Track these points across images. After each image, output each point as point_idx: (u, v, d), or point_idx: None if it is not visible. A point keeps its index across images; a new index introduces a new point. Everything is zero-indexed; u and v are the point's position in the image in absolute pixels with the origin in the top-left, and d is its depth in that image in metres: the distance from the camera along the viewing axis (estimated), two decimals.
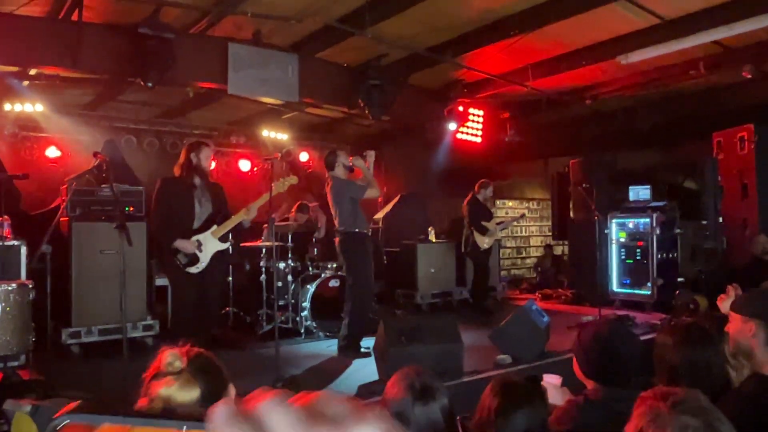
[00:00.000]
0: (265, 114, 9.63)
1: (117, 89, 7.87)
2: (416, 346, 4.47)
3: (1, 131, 7.74)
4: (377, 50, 7.41)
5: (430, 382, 1.97)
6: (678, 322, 2.46)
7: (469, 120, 9.17)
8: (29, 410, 3.31)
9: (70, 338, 5.48)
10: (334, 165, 5.74)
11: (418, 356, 4.44)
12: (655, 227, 7.98)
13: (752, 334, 2.03)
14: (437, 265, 8.50)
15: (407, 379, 1.97)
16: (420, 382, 1.95)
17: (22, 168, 7.31)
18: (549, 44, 7.25)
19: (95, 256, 5.66)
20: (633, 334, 2.32)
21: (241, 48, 6.81)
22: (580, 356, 2.30)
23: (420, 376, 1.98)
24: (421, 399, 1.91)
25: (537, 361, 4.97)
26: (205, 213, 4.73)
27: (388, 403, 1.91)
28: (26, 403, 3.35)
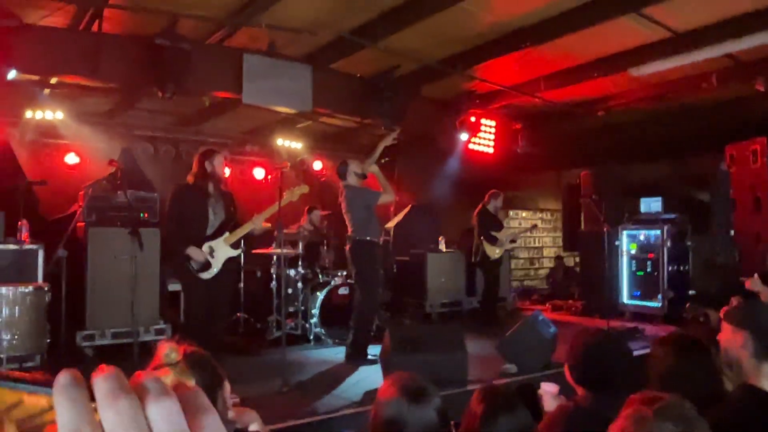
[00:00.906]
0: (279, 123, 9.75)
1: (134, 98, 8.04)
2: (421, 354, 4.52)
3: (22, 138, 7.92)
4: (390, 62, 7.50)
5: (424, 383, 2.02)
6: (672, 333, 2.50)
7: (481, 131, 9.22)
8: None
9: (83, 341, 5.60)
10: (346, 174, 5.82)
11: (422, 364, 4.49)
12: (666, 239, 7.96)
13: (741, 344, 2.07)
14: (447, 275, 8.54)
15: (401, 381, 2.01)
16: (413, 382, 1.99)
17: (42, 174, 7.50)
18: (561, 56, 7.29)
19: (110, 260, 5.78)
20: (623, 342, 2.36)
21: (255, 59, 6.93)
22: (570, 362, 2.35)
23: (413, 378, 2.02)
24: (415, 400, 1.94)
25: (542, 371, 4.99)
26: (218, 220, 4.84)
27: (380, 407, 1.96)
28: None
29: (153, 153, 8.91)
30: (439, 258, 8.56)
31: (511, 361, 5.13)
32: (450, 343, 4.73)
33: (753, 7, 5.91)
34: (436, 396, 1.94)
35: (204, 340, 4.70)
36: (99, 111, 8.74)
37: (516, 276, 13.55)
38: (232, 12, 6.12)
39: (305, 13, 6.16)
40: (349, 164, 5.84)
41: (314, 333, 6.65)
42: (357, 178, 5.81)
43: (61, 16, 5.98)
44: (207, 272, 4.66)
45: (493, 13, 6.29)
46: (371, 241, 5.70)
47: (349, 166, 5.81)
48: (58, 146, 8.27)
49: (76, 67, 6.15)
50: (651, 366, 2.37)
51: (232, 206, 4.94)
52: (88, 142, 8.40)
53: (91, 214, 5.85)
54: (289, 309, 6.84)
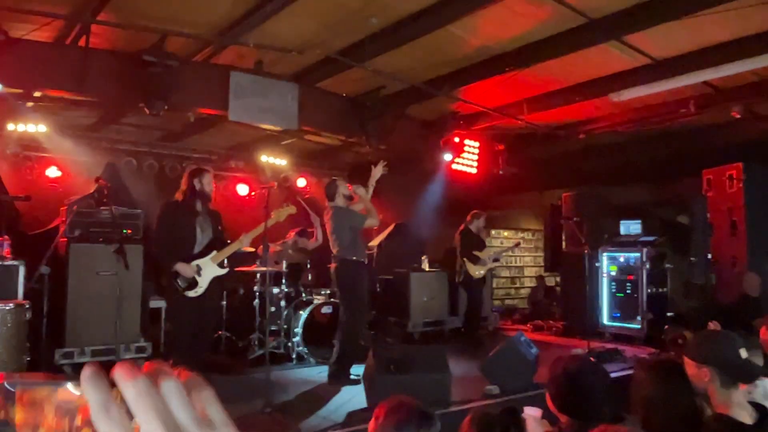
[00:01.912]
0: (264, 139, 9.78)
1: (119, 112, 8.02)
2: (405, 375, 4.54)
3: (3, 151, 7.85)
4: (376, 82, 7.60)
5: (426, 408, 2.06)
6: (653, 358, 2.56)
7: (464, 151, 9.32)
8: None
9: (62, 358, 5.53)
10: (335, 195, 5.86)
11: (406, 385, 4.51)
12: (645, 261, 8.09)
13: (708, 379, 2.13)
14: (430, 294, 8.58)
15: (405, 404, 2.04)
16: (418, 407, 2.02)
17: (23, 187, 7.43)
18: (543, 80, 7.44)
19: (92, 277, 5.74)
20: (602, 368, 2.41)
21: (242, 77, 6.98)
22: (551, 390, 2.39)
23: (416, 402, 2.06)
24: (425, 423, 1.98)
25: (525, 392, 5.04)
26: (206, 239, 4.84)
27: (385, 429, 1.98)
28: None
29: (136, 168, 8.87)
30: (423, 277, 8.60)
31: (494, 382, 5.17)
32: (434, 363, 4.76)
33: (731, 36, 6.10)
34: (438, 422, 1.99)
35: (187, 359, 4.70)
36: (82, 124, 8.70)
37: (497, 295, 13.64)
38: (220, 30, 6.17)
39: (293, 32, 6.23)
40: (339, 185, 5.88)
41: (297, 352, 6.63)
42: (344, 199, 5.85)
43: (49, 31, 5.98)
44: (194, 291, 4.66)
45: (478, 37, 6.41)
46: (357, 261, 5.73)
47: (339, 187, 5.85)
48: (40, 159, 8.21)
49: (62, 82, 6.14)
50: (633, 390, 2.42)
51: (219, 225, 4.96)
52: (71, 155, 8.35)
53: (73, 230, 5.81)
54: (272, 327, 6.82)
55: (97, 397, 0.47)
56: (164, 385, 0.48)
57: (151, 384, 0.48)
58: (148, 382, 0.48)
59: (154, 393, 0.48)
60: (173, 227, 4.71)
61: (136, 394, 0.47)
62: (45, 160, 8.23)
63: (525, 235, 14.66)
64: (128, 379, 0.48)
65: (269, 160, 10.24)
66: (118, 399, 0.47)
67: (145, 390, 0.47)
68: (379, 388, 4.43)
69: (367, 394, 4.76)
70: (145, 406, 0.47)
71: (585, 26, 5.95)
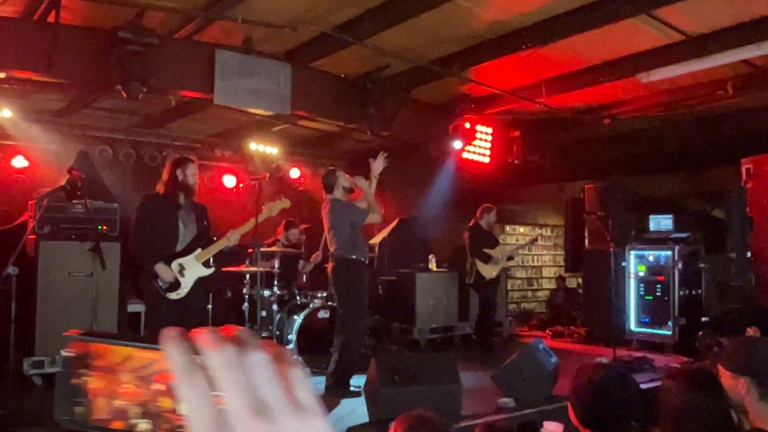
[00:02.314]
0: (253, 126, 9.79)
1: (92, 95, 8.03)
2: (410, 386, 4.57)
3: None
4: (378, 61, 7.58)
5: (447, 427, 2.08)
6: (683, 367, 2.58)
7: (476, 138, 9.31)
8: None
9: (32, 368, 5.56)
10: (333, 187, 5.87)
11: (412, 398, 4.53)
12: (677, 261, 8.10)
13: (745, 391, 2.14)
14: (438, 297, 8.60)
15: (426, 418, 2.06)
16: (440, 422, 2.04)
17: None
18: (564, 59, 7.42)
19: (64, 278, 5.76)
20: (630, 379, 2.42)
21: (229, 55, 6.98)
22: (574, 403, 2.41)
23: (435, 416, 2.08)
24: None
25: (542, 405, 5.06)
26: (189, 235, 4.86)
27: None
28: None
29: (112, 157, 8.89)
30: (429, 278, 8.62)
31: (509, 394, 5.19)
32: (442, 373, 4.79)
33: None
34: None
35: None
36: (52, 109, 8.71)
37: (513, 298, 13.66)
38: (205, 4, 6.17)
39: (285, 6, 6.23)
40: (338, 176, 5.90)
41: None
42: (344, 191, 5.87)
43: (14, 5, 5.98)
44: (176, 292, 4.68)
45: (491, 11, 6.40)
46: (357, 260, 5.75)
47: (338, 179, 5.86)
48: (5, 148, 8.23)
49: (28, 62, 6.14)
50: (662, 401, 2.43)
51: (205, 220, 4.97)
52: (39, 143, 8.38)
53: (43, 226, 5.83)
54: (263, 334, 6.85)
55: (181, 362, 0.49)
56: (252, 357, 0.49)
57: (239, 354, 0.49)
58: (236, 352, 0.49)
59: (240, 365, 0.49)
60: (153, 222, 4.73)
61: (222, 364, 0.48)
62: (10, 149, 8.25)
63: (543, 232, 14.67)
64: (214, 346, 0.49)
65: (259, 148, 10.26)
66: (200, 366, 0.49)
67: (232, 361, 0.48)
68: (382, 401, 4.46)
69: (369, 407, 4.78)
70: (231, 379, 0.48)
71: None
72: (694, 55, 6.86)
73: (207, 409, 0.48)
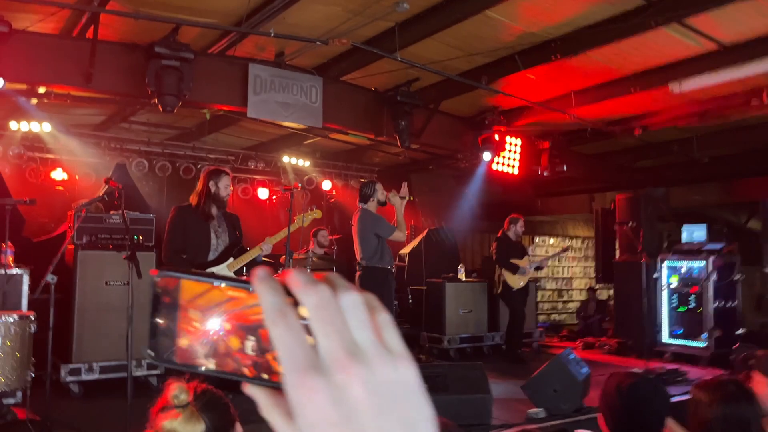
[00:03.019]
0: (285, 139, 9.88)
1: (129, 110, 8.19)
2: (440, 395, 4.52)
3: (6, 151, 8.06)
4: (408, 74, 7.60)
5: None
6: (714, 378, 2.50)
7: (505, 150, 9.25)
8: None
9: (69, 375, 5.63)
10: (369, 198, 5.91)
11: (441, 407, 4.47)
12: (711, 272, 7.93)
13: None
14: (467, 307, 8.53)
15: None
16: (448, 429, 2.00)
17: (27, 190, 7.63)
18: (594, 70, 7.35)
19: (100, 287, 5.86)
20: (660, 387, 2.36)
21: (262, 69, 7.05)
22: (604, 411, 2.35)
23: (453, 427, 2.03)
24: None
25: (573, 416, 4.97)
26: (221, 245, 4.90)
27: None
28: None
29: (148, 169, 9.04)
30: (459, 288, 8.56)
31: (539, 405, 5.12)
32: (472, 383, 4.73)
33: None
34: None
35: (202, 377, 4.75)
36: (90, 123, 8.90)
37: (543, 309, 13.53)
38: (238, 19, 6.25)
39: (317, 20, 6.28)
40: (376, 189, 5.95)
41: None
42: (377, 204, 5.91)
43: (54, 22, 6.14)
44: None
45: (520, 23, 6.37)
46: (384, 268, 5.76)
47: (376, 191, 5.92)
48: (45, 161, 8.42)
49: (67, 77, 6.28)
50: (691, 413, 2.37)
51: (237, 230, 5.02)
52: (78, 156, 8.56)
53: (81, 236, 5.93)
54: None
55: (273, 301, 0.48)
56: (345, 299, 0.49)
57: (332, 296, 0.48)
58: (329, 293, 0.48)
59: (335, 306, 0.48)
60: (185, 233, 4.79)
61: (317, 304, 0.48)
62: (50, 162, 8.45)
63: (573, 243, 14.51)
64: (308, 286, 0.48)
65: (291, 161, 10.34)
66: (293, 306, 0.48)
67: (327, 301, 0.48)
68: None
69: None
70: (325, 319, 0.47)
71: (642, 8, 5.87)
72: (727, 64, 6.73)
73: (301, 350, 0.47)
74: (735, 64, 6.68)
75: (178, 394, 1.68)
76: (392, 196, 5.95)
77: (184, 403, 1.67)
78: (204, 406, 1.71)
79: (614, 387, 2.32)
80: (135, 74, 6.33)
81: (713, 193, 10.63)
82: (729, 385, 2.30)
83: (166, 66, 6.13)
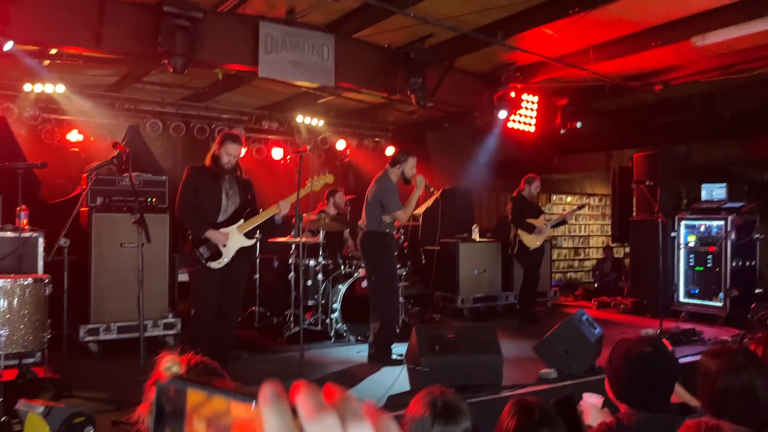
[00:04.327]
0: (299, 98, 9.79)
1: (142, 70, 8.14)
2: (451, 356, 4.54)
3: (21, 113, 8.07)
4: (421, 31, 7.44)
5: (455, 402, 2.01)
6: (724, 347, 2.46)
7: (521, 107, 9.10)
8: (42, 411, 3.52)
9: (87, 335, 5.75)
10: (397, 164, 5.87)
11: (452, 367, 4.51)
12: (729, 231, 7.81)
13: None
14: (481, 267, 8.52)
15: (429, 397, 2.02)
16: (443, 400, 1.99)
17: (43, 152, 7.67)
18: (613, 23, 7.15)
19: (116, 249, 5.92)
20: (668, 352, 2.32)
21: (273, 27, 6.94)
22: (611, 377, 2.33)
23: (444, 394, 2.02)
24: (441, 419, 1.94)
25: (585, 377, 4.97)
26: (231, 206, 4.91)
27: (407, 421, 1.98)
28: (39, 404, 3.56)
29: (162, 130, 9.02)
30: (473, 248, 8.53)
31: (551, 366, 5.12)
32: (483, 343, 4.74)
33: None
34: (467, 418, 1.93)
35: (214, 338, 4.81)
36: (104, 84, 8.88)
37: (559, 267, 13.48)
38: None
39: None
40: (409, 161, 5.88)
41: (335, 329, 6.71)
42: (401, 176, 5.85)
43: None
44: (216, 262, 4.74)
45: None
46: (382, 232, 5.76)
47: (407, 163, 5.86)
48: (60, 122, 8.43)
49: (77, 38, 6.23)
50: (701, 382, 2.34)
51: (249, 193, 5.01)
52: (92, 117, 8.56)
53: (95, 198, 5.97)
54: (309, 302, 6.91)
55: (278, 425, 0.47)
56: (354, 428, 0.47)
57: (340, 424, 0.47)
58: (338, 423, 0.47)
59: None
60: (197, 192, 4.80)
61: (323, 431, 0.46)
62: (66, 123, 8.46)
63: (591, 201, 14.37)
64: (314, 415, 0.47)
65: (305, 120, 10.27)
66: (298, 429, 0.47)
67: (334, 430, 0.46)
68: (422, 370, 4.44)
69: (410, 376, 4.78)
70: None
71: None
72: (752, 16, 6.50)
73: None
74: (760, 16, 6.46)
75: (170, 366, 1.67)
76: (420, 180, 5.89)
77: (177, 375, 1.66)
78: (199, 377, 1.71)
79: (622, 354, 2.29)
80: (145, 34, 6.26)
81: (735, 150, 10.40)
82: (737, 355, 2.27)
83: (175, 25, 6.05)
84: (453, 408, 1.96)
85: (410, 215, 6.04)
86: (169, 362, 1.69)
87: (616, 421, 2.13)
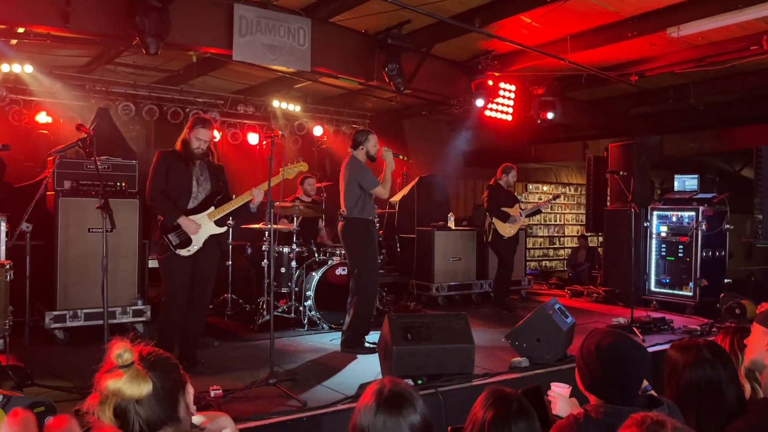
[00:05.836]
0: (275, 82, 9.64)
1: (114, 51, 7.93)
2: (422, 344, 4.49)
3: None
4: (398, 16, 7.35)
5: (403, 393, 1.88)
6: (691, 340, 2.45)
7: (498, 96, 9.06)
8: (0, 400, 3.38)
9: (53, 322, 5.61)
10: (359, 146, 5.77)
11: (423, 355, 4.47)
12: (700, 222, 7.86)
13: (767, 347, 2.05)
14: (456, 255, 8.50)
15: (378, 385, 1.91)
16: (390, 390, 1.87)
17: (9, 135, 7.45)
18: (591, 13, 7.12)
19: (83, 234, 5.78)
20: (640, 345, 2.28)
21: (248, 10, 6.80)
22: (581, 368, 2.29)
23: (395, 384, 1.90)
24: (385, 408, 1.83)
25: (556, 365, 4.97)
26: (202, 193, 4.81)
27: (356, 410, 1.89)
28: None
29: (134, 113, 8.81)
30: (448, 236, 8.50)
31: (523, 354, 5.10)
32: (455, 332, 4.69)
33: None
34: (415, 412, 1.82)
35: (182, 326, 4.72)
36: (74, 65, 8.65)
37: (534, 256, 13.54)
38: None
39: None
40: (369, 139, 5.78)
41: (308, 317, 6.64)
42: (366, 155, 5.75)
43: None
44: (186, 249, 4.64)
45: None
46: (365, 219, 5.67)
47: (368, 141, 5.75)
48: (28, 103, 8.18)
49: (45, 16, 6.01)
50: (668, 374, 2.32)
51: (221, 180, 4.91)
52: (62, 99, 8.33)
53: (62, 182, 5.81)
54: (282, 290, 6.83)
55: None
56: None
57: None
58: None
59: None
60: (167, 177, 4.68)
61: None
62: (34, 105, 8.21)
63: (567, 190, 14.44)
64: None
65: (282, 105, 10.12)
66: None
67: None
68: (394, 359, 4.40)
69: (382, 364, 4.73)
70: None
71: None
72: (727, 8, 6.51)
73: None
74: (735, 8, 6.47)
75: (121, 353, 1.61)
76: (385, 152, 5.80)
77: (128, 362, 1.61)
78: (151, 365, 1.66)
79: (593, 346, 2.25)
80: (114, 14, 6.08)
81: (708, 141, 10.48)
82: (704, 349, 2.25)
83: (148, 6, 5.87)
84: (399, 398, 1.83)
85: (390, 191, 5.92)
86: (120, 349, 1.63)
87: (584, 414, 2.10)
